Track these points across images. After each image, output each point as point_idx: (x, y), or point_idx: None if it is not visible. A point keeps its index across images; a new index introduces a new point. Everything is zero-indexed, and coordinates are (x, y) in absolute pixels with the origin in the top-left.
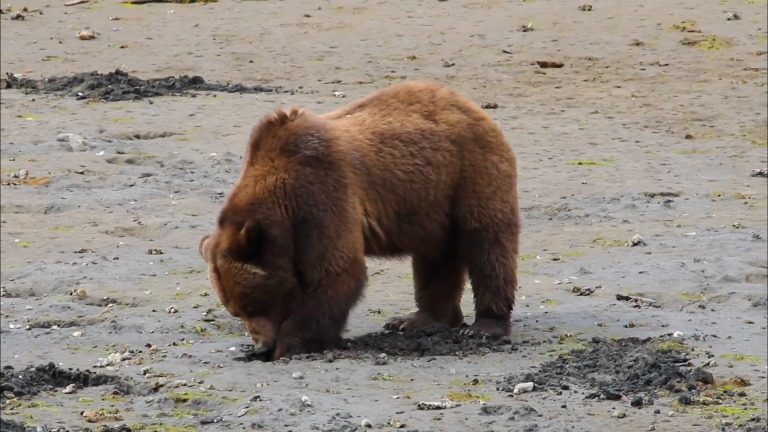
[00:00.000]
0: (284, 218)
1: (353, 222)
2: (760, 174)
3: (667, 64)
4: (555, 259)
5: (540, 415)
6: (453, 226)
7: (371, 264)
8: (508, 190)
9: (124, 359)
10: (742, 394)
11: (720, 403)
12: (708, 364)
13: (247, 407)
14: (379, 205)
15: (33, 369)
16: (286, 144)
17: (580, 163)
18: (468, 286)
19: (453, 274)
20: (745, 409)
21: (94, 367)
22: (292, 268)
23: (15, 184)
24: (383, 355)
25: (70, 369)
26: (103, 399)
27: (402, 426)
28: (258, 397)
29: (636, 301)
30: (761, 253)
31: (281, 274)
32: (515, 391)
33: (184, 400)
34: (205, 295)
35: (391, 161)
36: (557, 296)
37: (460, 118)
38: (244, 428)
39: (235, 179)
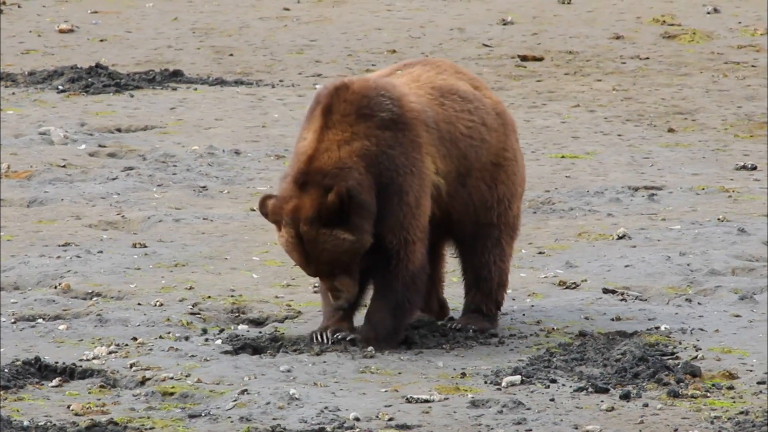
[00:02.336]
0: (371, 184)
1: (427, 184)
2: (744, 167)
3: (647, 58)
4: (540, 253)
5: (528, 409)
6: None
7: None
8: (521, 195)
9: (110, 353)
10: (730, 388)
11: (708, 397)
12: (696, 357)
13: (234, 401)
14: (446, 162)
15: (19, 362)
16: (359, 108)
17: (563, 157)
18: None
19: (434, 269)
20: (734, 402)
21: (80, 360)
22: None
23: None
24: (371, 348)
25: (56, 362)
26: (89, 392)
27: (390, 419)
28: (246, 390)
29: (622, 294)
30: (747, 247)
31: (367, 237)
32: (503, 384)
33: (172, 394)
34: (191, 288)
35: (453, 114)
36: (543, 290)
37: (500, 101)
38: (232, 422)
39: (219, 173)
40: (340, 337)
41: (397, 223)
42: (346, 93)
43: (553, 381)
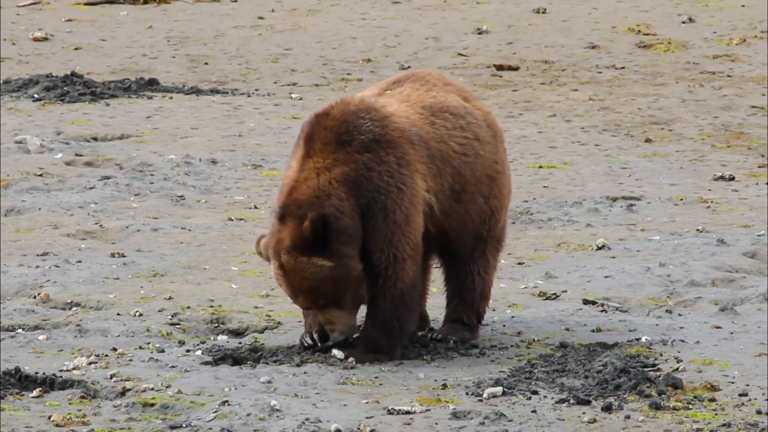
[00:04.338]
0: (353, 208)
1: (418, 201)
2: (722, 178)
3: (623, 68)
4: (520, 263)
5: (510, 420)
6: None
7: None
8: (507, 206)
9: (90, 363)
10: (712, 400)
11: (690, 409)
12: (677, 369)
13: (215, 412)
14: (438, 180)
15: None
16: (339, 134)
17: (540, 167)
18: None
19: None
20: (716, 414)
21: (60, 371)
22: (359, 254)
23: None
24: (351, 359)
25: (36, 373)
26: (70, 403)
27: (372, 431)
28: (226, 401)
29: (602, 305)
30: (726, 258)
31: (348, 263)
32: (485, 395)
33: (152, 405)
34: (170, 298)
35: (445, 133)
36: (523, 300)
37: (490, 111)
38: None
39: (196, 182)
40: (334, 340)
41: (385, 240)
42: (326, 120)
43: (535, 392)
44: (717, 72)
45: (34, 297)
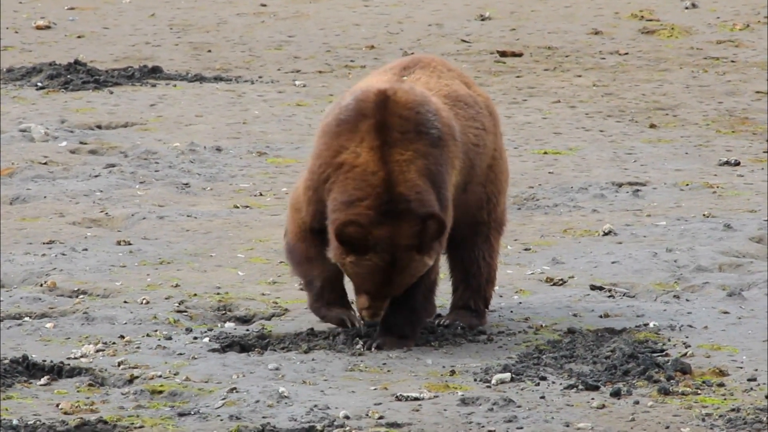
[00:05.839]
0: None
1: (450, 196)
2: (727, 163)
3: (627, 53)
4: (526, 249)
5: (519, 406)
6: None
7: None
8: (506, 189)
9: (97, 351)
10: (720, 385)
11: (699, 394)
12: (685, 354)
13: (224, 399)
14: (461, 173)
15: (6, 361)
16: (417, 125)
17: (545, 153)
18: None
19: None
20: (725, 399)
21: (68, 358)
22: None
23: None
24: (359, 346)
25: (44, 361)
26: (78, 391)
27: (381, 417)
28: (235, 388)
29: (610, 291)
30: (733, 243)
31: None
32: (493, 381)
33: (160, 392)
34: (177, 286)
35: (464, 124)
36: (530, 286)
37: (488, 96)
38: (221, 420)
39: (201, 170)
40: (371, 323)
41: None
42: (395, 107)
43: (543, 378)
44: (721, 57)
45: (41, 285)
